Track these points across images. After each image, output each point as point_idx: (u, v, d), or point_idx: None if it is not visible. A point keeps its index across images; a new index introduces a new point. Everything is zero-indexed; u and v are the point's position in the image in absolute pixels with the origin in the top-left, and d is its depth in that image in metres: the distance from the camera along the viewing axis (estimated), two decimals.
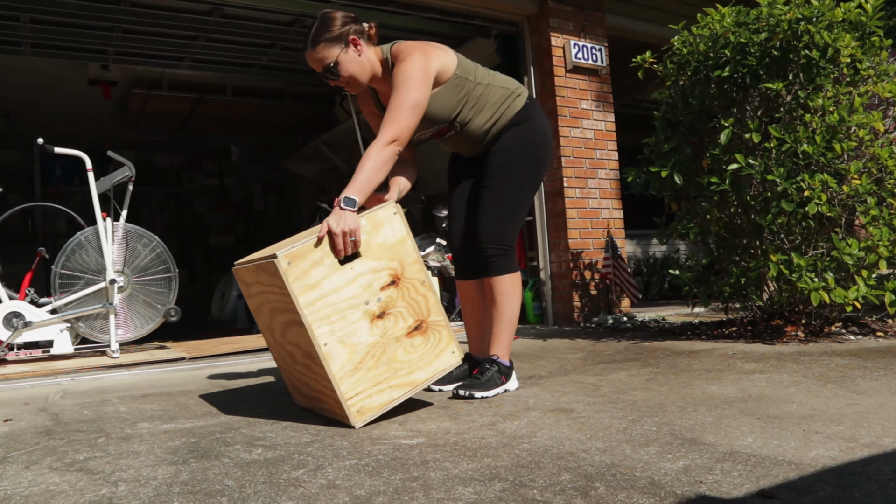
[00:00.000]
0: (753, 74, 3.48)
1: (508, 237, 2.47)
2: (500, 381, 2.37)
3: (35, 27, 5.16)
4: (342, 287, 1.98)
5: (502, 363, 2.42)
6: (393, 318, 2.05)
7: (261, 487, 1.44)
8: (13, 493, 1.50)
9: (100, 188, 4.20)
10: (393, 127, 2.21)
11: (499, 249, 2.44)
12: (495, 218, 2.45)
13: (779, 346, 3.26)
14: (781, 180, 3.27)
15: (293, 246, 1.94)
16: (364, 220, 2.05)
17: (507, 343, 2.46)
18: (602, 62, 5.39)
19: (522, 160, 2.49)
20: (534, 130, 2.52)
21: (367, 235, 2.05)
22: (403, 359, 2.06)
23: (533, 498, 1.29)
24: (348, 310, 1.98)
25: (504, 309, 2.45)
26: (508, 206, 2.47)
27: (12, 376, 3.56)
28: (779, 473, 1.37)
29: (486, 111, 2.47)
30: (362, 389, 1.97)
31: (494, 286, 2.45)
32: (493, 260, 2.44)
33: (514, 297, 2.47)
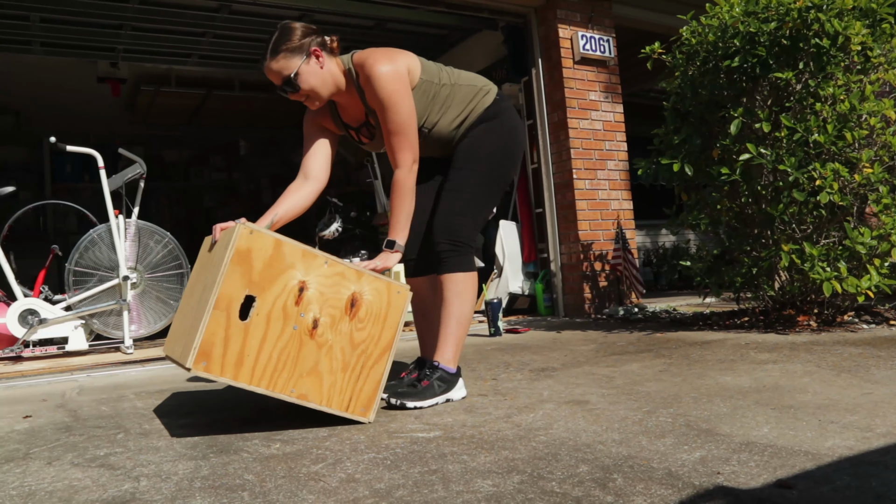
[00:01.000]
0: (763, 64, 3.46)
1: (465, 233, 2.30)
2: (440, 390, 2.19)
3: (45, 26, 5.18)
4: (266, 337, 1.85)
5: (446, 370, 2.22)
6: (326, 316, 1.92)
7: (281, 482, 1.46)
8: (37, 488, 1.53)
9: (112, 185, 4.22)
10: (407, 150, 2.19)
11: (452, 245, 2.27)
12: (452, 212, 2.30)
13: (791, 335, 3.26)
14: (793, 170, 3.27)
15: (194, 346, 1.77)
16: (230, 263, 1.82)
17: (455, 348, 2.26)
18: (610, 53, 5.37)
19: (487, 155, 2.36)
20: (502, 126, 2.40)
21: (246, 268, 1.84)
22: (363, 336, 1.97)
23: (552, 490, 1.31)
24: (286, 349, 1.87)
25: (454, 309, 2.26)
26: (467, 201, 2.32)
27: (29, 373, 3.59)
28: (795, 463, 1.38)
29: (453, 110, 2.35)
30: (350, 392, 1.95)
31: (446, 284, 2.27)
32: (446, 256, 2.27)
33: (467, 297, 2.28)
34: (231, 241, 1.82)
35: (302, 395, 1.89)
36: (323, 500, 1.32)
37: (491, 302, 4.20)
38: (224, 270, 1.79)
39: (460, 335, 2.28)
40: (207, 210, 10.73)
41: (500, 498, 1.28)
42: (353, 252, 5.64)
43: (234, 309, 1.81)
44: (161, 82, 7.09)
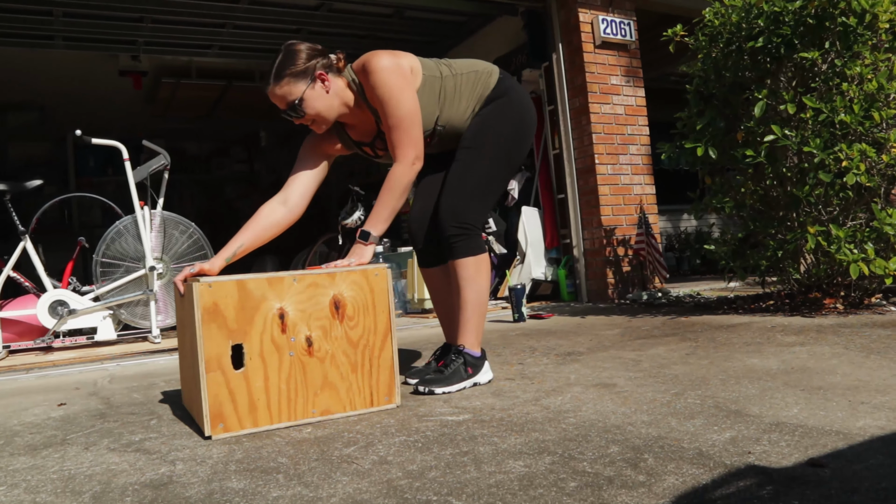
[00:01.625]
0: (788, 44, 3.42)
1: (472, 216, 2.24)
2: (466, 374, 2.18)
3: (67, 21, 5.24)
4: (267, 374, 1.84)
5: (469, 354, 2.22)
6: (317, 329, 1.90)
7: (314, 464, 1.48)
8: (76, 472, 1.56)
9: (136, 177, 4.27)
10: (409, 146, 2.12)
11: (460, 229, 2.21)
12: (459, 194, 2.23)
13: (818, 318, 3.24)
14: (818, 151, 3.23)
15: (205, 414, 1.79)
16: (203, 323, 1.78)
17: (476, 331, 2.24)
18: (631, 37, 5.33)
19: (496, 134, 2.29)
20: (511, 103, 2.33)
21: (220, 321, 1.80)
22: (359, 333, 1.96)
23: (583, 470, 1.32)
24: (291, 377, 1.86)
25: (468, 294, 2.23)
26: (476, 183, 2.25)
27: (60, 362, 3.66)
28: (827, 443, 1.38)
29: (463, 101, 2.29)
30: (368, 387, 1.96)
31: (458, 270, 2.23)
32: (455, 240, 2.22)
33: (481, 280, 2.25)
34: (195, 301, 1.77)
35: (324, 410, 1.90)
36: (357, 482, 1.34)
37: (514, 288, 4.20)
38: (200, 333, 1.77)
39: (479, 318, 2.25)
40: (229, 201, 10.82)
41: (533, 478, 1.29)
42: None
43: (225, 364, 1.79)
44: (182, 74, 7.14)
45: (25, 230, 4.15)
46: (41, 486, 1.47)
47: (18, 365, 3.62)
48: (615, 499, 1.16)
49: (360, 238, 2.11)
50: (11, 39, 5.47)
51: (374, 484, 1.32)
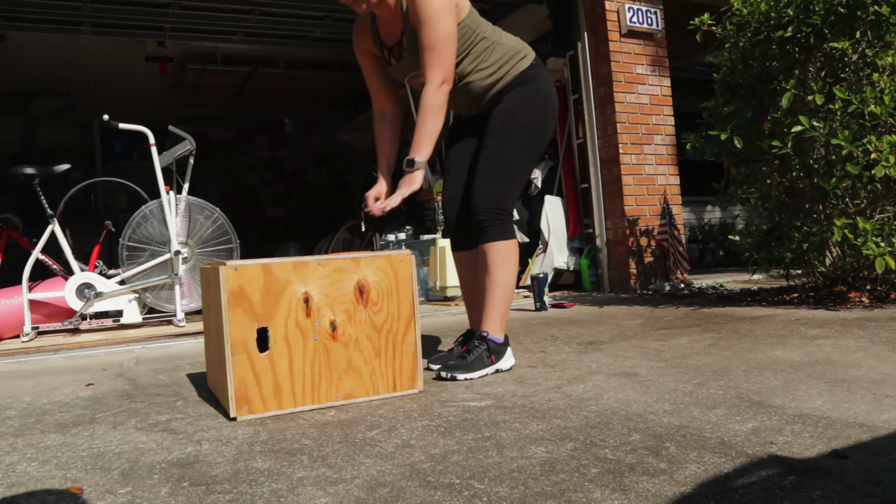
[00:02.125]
0: (818, 34, 3.38)
1: (506, 202, 2.29)
2: (488, 361, 2.19)
3: (96, 7, 5.29)
4: (292, 358, 1.86)
5: (493, 340, 2.22)
6: (341, 314, 1.91)
7: (338, 446, 1.50)
8: (105, 450, 1.59)
9: (162, 162, 4.32)
10: (438, 67, 2.15)
11: (494, 214, 2.26)
12: (492, 180, 2.28)
13: (843, 311, 3.20)
14: (847, 143, 3.19)
15: (230, 396, 1.80)
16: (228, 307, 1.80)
17: (501, 317, 2.26)
18: (657, 25, 5.28)
19: (525, 121, 2.32)
20: (538, 91, 2.36)
21: (246, 305, 1.82)
22: (383, 318, 1.97)
23: (605, 457, 1.32)
24: (315, 361, 1.88)
25: (497, 278, 2.25)
26: (508, 168, 2.29)
27: (87, 344, 3.72)
28: (851, 435, 1.37)
29: (489, 67, 2.32)
30: (391, 372, 1.98)
31: (488, 254, 2.26)
32: (488, 225, 2.26)
33: (510, 266, 2.28)
34: (221, 285, 1.79)
35: (347, 394, 1.92)
36: (380, 465, 1.36)
37: (536, 277, 4.20)
38: (226, 316, 1.79)
39: (505, 304, 2.26)
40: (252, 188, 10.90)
41: (555, 463, 1.30)
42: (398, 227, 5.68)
43: (250, 347, 1.82)
44: (207, 60, 7.19)
45: (54, 214, 4.21)
46: (72, 463, 1.50)
47: (47, 346, 3.69)
48: (637, 485, 1.17)
49: (406, 167, 2.14)
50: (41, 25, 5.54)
51: (397, 466, 1.34)
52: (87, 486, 1.33)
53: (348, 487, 1.24)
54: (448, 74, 2.17)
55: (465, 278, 2.51)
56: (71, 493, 1.30)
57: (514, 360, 2.32)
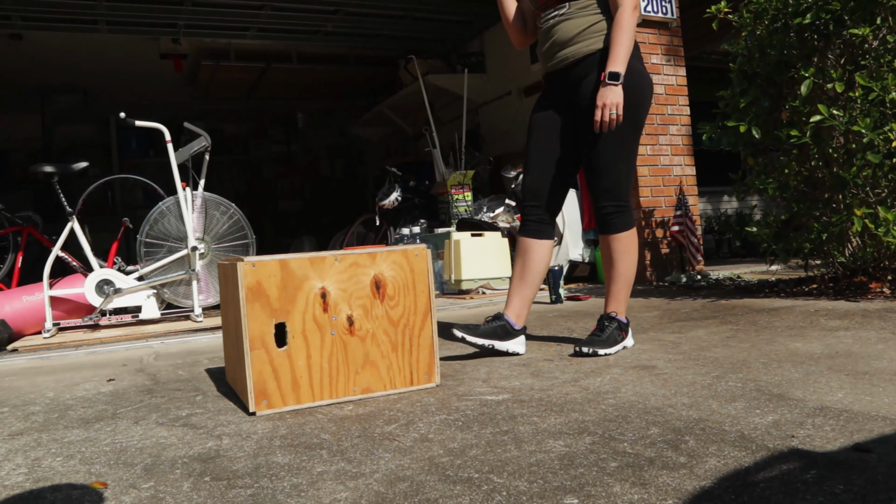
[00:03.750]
0: (837, 20, 3.33)
1: (626, 192, 2.40)
2: (620, 338, 2.36)
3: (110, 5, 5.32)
4: (310, 353, 1.87)
5: (621, 320, 2.41)
6: (358, 309, 1.92)
7: (356, 441, 1.51)
8: (127, 445, 1.61)
9: (178, 159, 4.34)
10: None
11: (618, 206, 2.38)
12: (613, 173, 2.37)
13: (863, 303, 3.17)
14: (867, 131, 3.15)
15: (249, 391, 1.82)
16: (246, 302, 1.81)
17: (625, 300, 2.44)
18: (672, 14, 5.23)
19: (628, 111, 2.33)
20: (637, 73, 2.37)
21: (264, 301, 1.83)
22: (399, 312, 1.97)
23: (624, 451, 1.32)
24: (333, 355, 1.89)
25: (621, 267, 2.41)
26: (625, 159, 2.39)
27: (107, 340, 3.76)
28: (873, 428, 1.36)
29: (593, 15, 2.38)
30: (408, 366, 1.98)
31: (613, 244, 2.40)
32: (612, 217, 2.39)
33: (633, 254, 2.43)
34: (239, 281, 1.81)
35: (365, 389, 1.93)
36: (399, 458, 1.36)
37: (552, 269, 4.19)
38: (244, 312, 1.80)
39: (628, 289, 2.45)
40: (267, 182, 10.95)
41: (573, 457, 1.30)
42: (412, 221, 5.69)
43: (268, 342, 1.83)
44: (221, 56, 7.22)
45: (73, 211, 4.25)
46: (95, 458, 1.52)
47: (68, 342, 3.73)
48: (656, 479, 1.16)
49: (609, 80, 2.25)
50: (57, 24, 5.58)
51: (416, 461, 1.34)
52: (110, 481, 1.35)
53: (368, 482, 1.25)
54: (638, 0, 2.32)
55: (522, 264, 2.49)
56: (95, 489, 1.32)
57: (633, 340, 2.52)
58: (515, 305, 2.46)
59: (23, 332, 4.18)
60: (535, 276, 2.48)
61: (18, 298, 4.16)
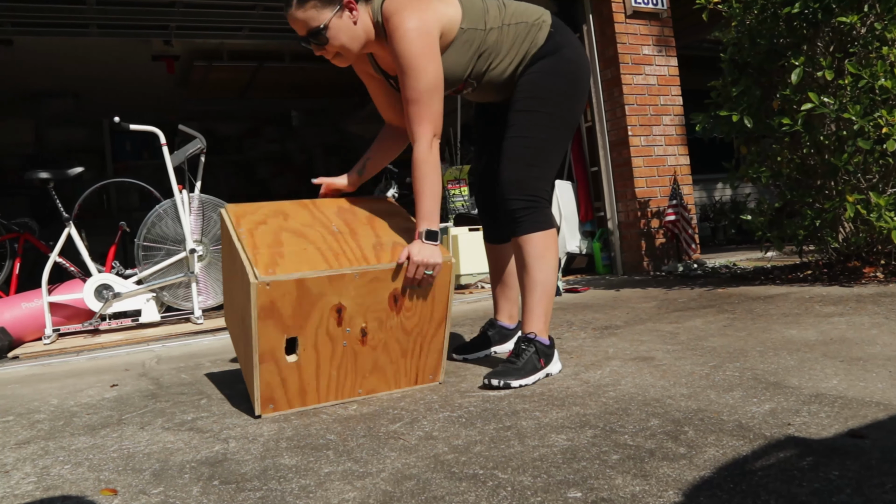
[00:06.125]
0: (825, 9, 3.35)
1: (539, 185, 2.05)
2: (538, 365, 1.96)
3: (101, 8, 5.31)
4: (319, 363, 1.86)
5: (540, 342, 2.00)
6: (373, 321, 1.88)
7: (362, 440, 1.53)
8: (135, 451, 1.63)
9: (174, 161, 4.35)
10: (426, 121, 1.92)
11: (526, 201, 2.03)
12: (521, 163, 2.05)
13: (857, 288, 3.20)
14: (858, 118, 3.17)
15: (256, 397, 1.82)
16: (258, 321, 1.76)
17: (545, 316, 2.04)
18: (662, 5, 5.25)
19: (552, 94, 2.08)
20: (564, 60, 2.11)
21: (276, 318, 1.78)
22: (414, 322, 1.94)
23: (625, 443, 1.35)
24: (342, 365, 1.87)
25: (536, 274, 2.03)
26: (537, 148, 2.05)
27: (108, 344, 3.78)
28: (867, 414, 1.39)
29: (506, 57, 2.09)
30: (414, 369, 1.99)
31: (523, 247, 2.04)
32: (520, 214, 2.04)
33: (549, 258, 2.05)
34: (252, 299, 1.72)
35: (369, 390, 1.94)
36: (404, 457, 1.39)
37: None
38: (255, 329, 1.75)
39: (548, 301, 2.06)
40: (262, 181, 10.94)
41: (576, 451, 1.32)
42: None
43: (279, 356, 1.80)
44: (213, 57, 7.21)
45: (69, 216, 4.26)
46: (103, 464, 1.54)
47: (69, 347, 3.74)
48: (657, 471, 1.19)
49: (426, 239, 1.91)
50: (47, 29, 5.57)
51: (422, 459, 1.37)
52: (120, 488, 1.37)
53: (375, 481, 1.27)
54: (438, 126, 1.95)
55: (497, 267, 2.38)
56: (105, 496, 1.34)
57: (560, 365, 2.10)
58: (504, 307, 2.39)
59: (23, 339, 4.19)
60: (512, 275, 2.35)
61: (17, 305, 4.18)
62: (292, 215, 2.03)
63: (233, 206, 2.04)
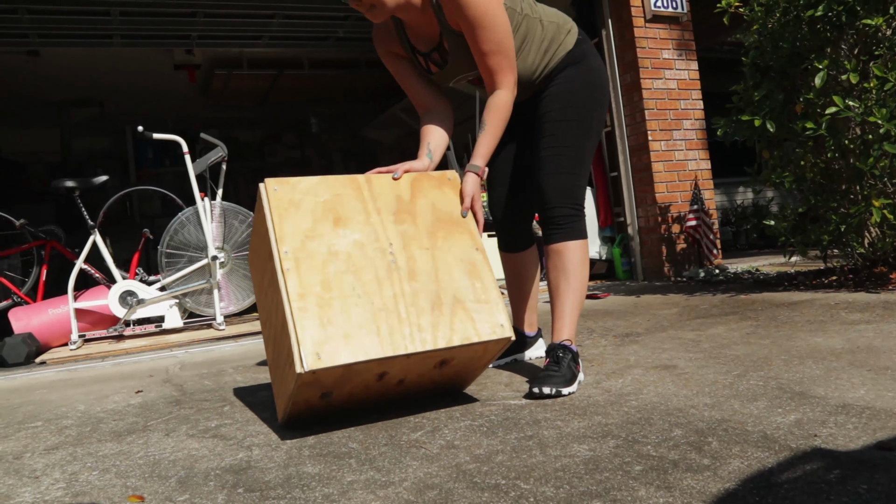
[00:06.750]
0: (850, 11, 3.32)
1: (580, 195, 2.09)
2: (576, 371, 1.95)
3: (124, 19, 5.39)
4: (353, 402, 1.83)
5: (573, 349, 2.00)
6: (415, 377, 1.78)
7: (384, 449, 1.54)
8: (161, 458, 1.65)
9: (196, 169, 4.40)
10: (509, 70, 1.94)
11: (572, 210, 2.06)
12: (565, 171, 2.05)
13: (884, 294, 3.16)
14: (884, 121, 3.14)
15: None
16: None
17: (576, 324, 2.07)
18: (682, 8, 5.22)
19: (585, 103, 2.10)
20: (591, 70, 2.13)
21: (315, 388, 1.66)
22: (452, 372, 1.83)
23: (648, 454, 1.34)
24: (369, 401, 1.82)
25: (575, 282, 2.05)
26: (578, 158, 2.07)
27: (132, 350, 3.82)
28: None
29: (535, 51, 2.07)
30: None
31: (565, 254, 2.05)
32: (566, 222, 2.05)
33: (586, 268, 2.09)
34: (293, 379, 1.60)
35: None
36: (426, 466, 1.39)
37: None
38: (293, 391, 1.63)
39: (580, 309, 2.09)
40: None
41: (598, 461, 1.32)
42: None
43: (314, 402, 1.73)
44: (234, 65, 7.28)
45: (94, 224, 4.31)
46: (130, 471, 1.56)
47: (94, 353, 3.79)
48: (681, 482, 1.18)
49: (471, 170, 1.92)
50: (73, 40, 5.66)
51: (444, 468, 1.37)
52: (147, 494, 1.39)
53: (398, 490, 1.27)
54: (516, 75, 1.99)
55: (515, 275, 2.35)
56: (133, 503, 1.35)
57: (583, 373, 2.09)
58: (524, 316, 2.38)
59: (49, 345, 4.25)
60: (528, 282, 2.34)
61: (44, 311, 4.24)
62: (344, 214, 1.77)
63: (274, 191, 1.75)
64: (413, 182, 1.89)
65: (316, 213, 1.74)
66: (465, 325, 1.71)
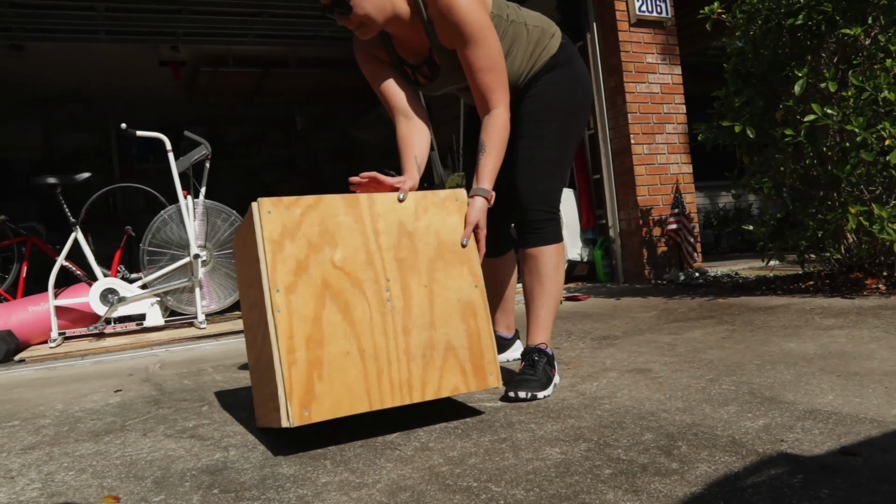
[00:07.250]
0: (829, 20, 3.36)
1: (557, 198, 2.08)
2: (551, 375, 1.97)
3: (110, 15, 5.37)
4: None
5: (548, 353, 2.01)
6: None
7: (359, 450, 1.55)
8: (137, 458, 1.66)
9: (179, 167, 4.39)
10: (502, 88, 1.91)
11: (549, 213, 2.05)
12: (544, 174, 2.05)
13: (858, 300, 3.21)
14: (861, 130, 3.18)
15: None
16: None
17: (551, 327, 2.08)
18: (667, 13, 5.27)
19: (567, 106, 2.10)
20: (575, 73, 2.14)
21: None
22: None
23: (618, 457, 1.36)
24: None
25: (551, 287, 2.05)
26: (556, 161, 2.07)
27: (112, 348, 3.81)
28: (861, 431, 1.40)
29: (520, 55, 2.07)
30: None
31: (541, 258, 2.05)
32: (541, 226, 2.04)
33: (561, 271, 2.09)
34: (273, 423, 1.59)
35: None
36: (400, 468, 1.41)
37: None
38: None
39: (555, 312, 2.09)
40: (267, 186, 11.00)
41: (569, 465, 1.34)
42: None
43: None
44: (219, 63, 7.27)
45: (76, 221, 4.29)
46: (106, 472, 1.56)
47: (74, 351, 3.78)
48: (649, 486, 1.20)
49: (478, 194, 1.83)
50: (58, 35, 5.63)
51: (417, 470, 1.38)
52: (122, 495, 1.39)
53: (371, 492, 1.29)
54: (509, 92, 1.96)
55: (493, 283, 2.33)
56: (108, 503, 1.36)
57: (559, 376, 2.11)
58: (502, 319, 2.39)
59: (29, 342, 4.23)
60: (505, 285, 2.34)
61: (24, 309, 4.22)
62: (341, 241, 1.66)
63: (268, 214, 1.61)
64: (417, 203, 1.76)
65: (312, 240, 1.63)
66: (455, 376, 1.68)
